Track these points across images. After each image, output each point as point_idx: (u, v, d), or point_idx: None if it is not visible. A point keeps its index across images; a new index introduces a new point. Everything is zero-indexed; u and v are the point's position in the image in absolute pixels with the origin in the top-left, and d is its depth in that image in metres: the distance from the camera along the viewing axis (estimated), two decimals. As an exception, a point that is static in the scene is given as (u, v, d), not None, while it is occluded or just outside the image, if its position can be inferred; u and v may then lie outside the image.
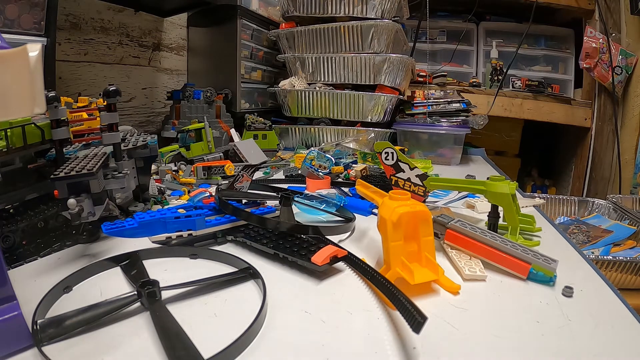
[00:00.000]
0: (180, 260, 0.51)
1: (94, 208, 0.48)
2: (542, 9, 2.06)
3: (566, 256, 0.54)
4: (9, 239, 0.48)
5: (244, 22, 1.48)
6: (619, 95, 1.97)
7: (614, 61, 1.90)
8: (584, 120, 2.07)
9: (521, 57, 2.21)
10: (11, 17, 0.84)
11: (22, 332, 0.33)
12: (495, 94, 2.00)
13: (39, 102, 0.30)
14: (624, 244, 1.18)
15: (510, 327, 0.38)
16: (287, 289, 0.44)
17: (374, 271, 0.44)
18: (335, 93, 1.40)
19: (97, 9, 1.25)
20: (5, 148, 0.50)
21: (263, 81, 1.69)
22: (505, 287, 0.46)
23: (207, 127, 1.02)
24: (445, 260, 0.53)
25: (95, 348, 0.34)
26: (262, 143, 1.31)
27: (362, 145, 1.25)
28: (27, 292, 0.41)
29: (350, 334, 0.37)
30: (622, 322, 0.40)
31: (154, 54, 1.49)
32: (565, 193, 2.27)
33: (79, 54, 1.21)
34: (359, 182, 0.64)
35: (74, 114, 0.70)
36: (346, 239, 0.60)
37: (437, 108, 1.39)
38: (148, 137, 0.71)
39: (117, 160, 0.57)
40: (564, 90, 2.20)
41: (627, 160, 1.90)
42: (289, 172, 1.01)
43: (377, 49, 1.37)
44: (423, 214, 0.45)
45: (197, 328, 0.36)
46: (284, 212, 0.61)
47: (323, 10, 1.40)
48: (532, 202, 0.82)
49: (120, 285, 0.45)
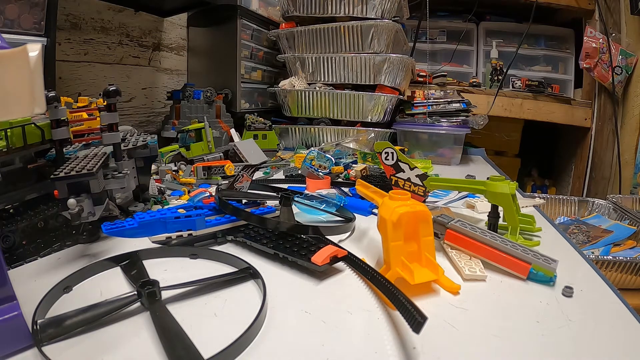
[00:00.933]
0: (180, 260, 0.51)
1: (94, 208, 0.48)
2: (542, 9, 2.06)
3: (566, 256, 0.54)
4: (9, 239, 0.48)
5: (244, 22, 1.48)
6: (619, 95, 1.97)
7: (614, 61, 1.90)
8: (584, 120, 2.07)
9: (521, 57, 2.21)
10: (11, 17, 0.84)
11: (22, 332, 0.33)
12: (495, 94, 2.00)
13: (39, 102, 0.30)
14: (624, 244, 1.18)
15: (510, 327, 0.38)
16: (287, 289, 0.44)
17: (374, 271, 0.44)
18: (335, 93, 1.40)
19: (97, 9, 1.25)
20: (5, 148, 0.50)
21: (263, 81, 1.69)
22: (505, 287, 0.46)
23: (207, 127, 1.02)
24: (445, 260, 0.53)
25: (95, 348, 0.34)
26: (262, 143, 1.31)
27: (362, 145, 1.25)
28: (27, 292, 0.41)
29: (350, 334, 0.37)
30: (622, 322, 0.40)
31: (154, 54, 1.49)
32: (565, 193, 2.27)
33: (79, 54, 1.21)
34: (359, 182, 0.64)
35: (74, 114, 0.70)
36: (346, 239, 0.60)
37: (437, 108, 1.39)
38: (148, 137, 0.71)
39: (117, 160, 0.57)
40: (564, 90, 2.20)
41: (627, 160, 1.90)
42: (289, 172, 1.01)
43: (377, 49, 1.37)
44: (423, 214, 0.45)
45: (197, 328, 0.36)
46: (284, 212, 0.61)
47: (323, 10, 1.40)
48: (532, 202, 0.82)
49: (120, 285, 0.45)
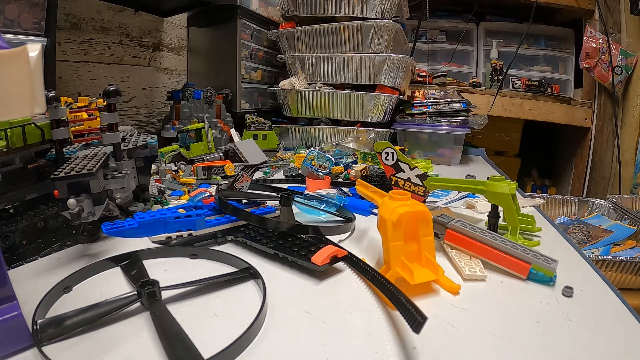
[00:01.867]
0: (180, 260, 0.51)
1: (94, 208, 0.48)
2: (542, 9, 2.06)
3: (566, 256, 0.55)
4: (9, 239, 0.48)
5: (244, 22, 1.48)
6: (619, 95, 1.97)
7: (614, 61, 1.90)
8: (584, 120, 2.07)
9: (521, 57, 2.21)
10: (11, 17, 0.84)
11: (22, 332, 0.33)
12: (495, 94, 2.00)
13: (39, 102, 0.30)
14: (624, 244, 1.18)
15: (510, 327, 0.38)
16: (287, 289, 0.44)
17: (374, 271, 0.44)
18: (335, 93, 1.40)
19: (97, 9, 1.25)
20: (5, 148, 0.50)
21: (263, 81, 1.69)
22: (505, 287, 0.46)
23: (207, 127, 1.02)
24: (445, 260, 0.53)
25: (95, 348, 0.34)
26: (262, 143, 1.31)
27: (362, 145, 1.25)
28: (27, 292, 0.41)
29: (350, 334, 0.37)
30: (622, 322, 0.40)
31: (154, 54, 1.49)
32: (565, 193, 2.27)
33: (79, 54, 1.21)
34: (359, 182, 0.64)
35: (74, 114, 0.70)
36: (346, 239, 0.60)
37: (437, 108, 1.39)
38: (148, 137, 0.71)
39: (117, 160, 0.57)
40: (564, 90, 2.20)
41: (627, 160, 1.90)
42: (289, 172, 1.01)
43: (377, 49, 1.37)
44: (423, 214, 0.45)
45: (197, 328, 0.36)
46: (284, 212, 0.61)
47: (323, 10, 1.40)
48: (532, 202, 0.82)
49: (120, 285, 0.45)
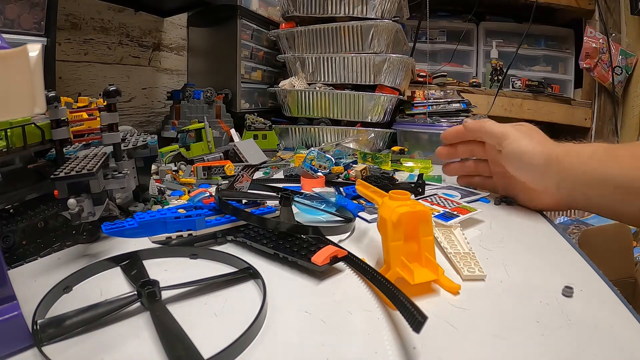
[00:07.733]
0: (180, 260, 0.51)
1: (94, 208, 0.48)
2: (542, 9, 2.06)
3: (566, 256, 0.55)
4: (9, 239, 0.48)
5: (244, 22, 1.48)
6: (619, 95, 1.97)
7: (614, 61, 1.90)
8: (584, 120, 2.07)
9: (521, 57, 2.21)
10: (11, 17, 0.84)
11: (22, 332, 0.33)
12: (495, 94, 2.00)
13: (39, 102, 0.30)
14: (624, 244, 1.18)
15: (510, 327, 0.38)
16: (287, 289, 0.44)
17: (374, 271, 0.44)
18: (335, 93, 1.40)
19: (97, 9, 1.25)
20: (5, 148, 0.50)
21: (263, 81, 1.69)
22: (505, 287, 0.46)
23: (207, 127, 1.02)
24: (445, 260, 0.53)
25: (95, 348, 0.34)
26: (262, 143, 1.31)
27: (362, 145, 1.25)
28: (27, 292, 0.40)
29: (350, 334, 0.37)
30: (622, 322, 0.40)
31: (154, 54, 1.49)
32: (565, 193, 2.27)
33: (79, 54, 1.21)
34: (359, 182, 0.64)
35: (74, 114, 0.70)
36: (346, 239, 0.60)
37: (437, 108, 1.39)
38: (148, 137, 0.70)
39: (117, 160, 0.57)
40: (564, 91, 2.20)
41: (627, 160, 1.90)
42: (289, 172, 1.01)
43: (377, 49, 1.37)
44: (423, 214, 0.45)
45: (197, 328, 0.36)
46: (284, 212, 0.61)
47: (323, 10, 1.40)
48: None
49: (120, 285, 0.44)
